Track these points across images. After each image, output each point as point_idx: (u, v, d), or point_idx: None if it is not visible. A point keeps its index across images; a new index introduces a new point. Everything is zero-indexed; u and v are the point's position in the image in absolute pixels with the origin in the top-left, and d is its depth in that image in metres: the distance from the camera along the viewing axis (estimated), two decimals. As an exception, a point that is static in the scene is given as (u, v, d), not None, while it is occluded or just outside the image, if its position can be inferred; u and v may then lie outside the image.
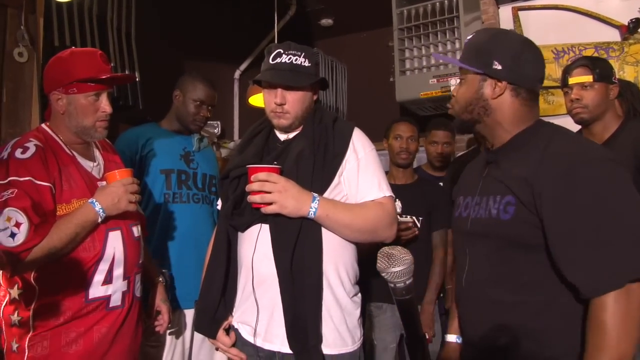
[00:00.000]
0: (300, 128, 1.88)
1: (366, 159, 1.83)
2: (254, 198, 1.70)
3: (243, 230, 1.82)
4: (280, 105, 1.82)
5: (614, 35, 3.66)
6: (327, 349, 1.71)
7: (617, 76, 2.45)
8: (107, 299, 1.88)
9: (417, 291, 2.72)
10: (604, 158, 1.37)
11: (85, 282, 1.83)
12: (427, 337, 2.74)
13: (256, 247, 1.75)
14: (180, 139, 2.72)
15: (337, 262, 1.77)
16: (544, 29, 3.83)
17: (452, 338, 1.72)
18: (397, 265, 1.28)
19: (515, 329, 1.41)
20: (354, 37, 5.57)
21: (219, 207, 1.98)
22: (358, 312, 1.83)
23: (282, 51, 1.83)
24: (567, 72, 2.26)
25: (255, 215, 1.75)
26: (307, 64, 1.83)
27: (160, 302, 2.25)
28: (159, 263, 2.47)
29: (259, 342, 1.76)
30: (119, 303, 1.91)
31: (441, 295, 2.97)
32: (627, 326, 1.24)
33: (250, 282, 1.77)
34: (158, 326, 2.24)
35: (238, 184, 1.82)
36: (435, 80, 4.08)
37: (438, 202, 2.93)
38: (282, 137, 1.91)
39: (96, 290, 1.85)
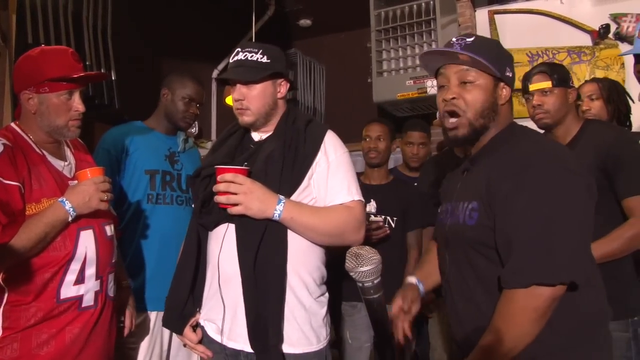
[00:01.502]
0: (272, 129, 1.89)
1: (337, 162, 1.83)
2: (220, 198, 1.72)
3: (211, 229, 1.84)
4: (239, 101, 1.85)
5: (585, 40, 3.73)
6: (291, 348, 1.73)
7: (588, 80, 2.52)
8: (80, 299, 1.86)
9: (391, 291, 2.79)
10: (554, 162, 1.40)
11: (56, 282, 1.80)
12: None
13: (222, 246, 1.77)
14: (166, 139, 2.69)
15: (303, 263, 1.79)
16: (519, 33, 3.89)
17: (412, 279, 1.77)
18: (365, 265, 1.30)
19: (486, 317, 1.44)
20: (332, 37, 5.59)
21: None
22: (323, 312, 1.84)
23: (239, 49, 1.87)
24: (526, 79, 2.30)
25: (223, 215, 1.77)
26: (264, 59, 1.84)
27: (126, 308, 2.22)
28: (139, 264, 2.46)
29: (224, 341, 1.77)
30: (91, 303, 1.89)
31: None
32: (519, 321, 1.33)
33: (216, 280, 1.79)
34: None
35: (208, 183, 1.82)
36: (412, 81, 4.12)
37: (413, 202, 2.96)
38: (255, 137, 1.92)
39: (68, 290, 1.83)
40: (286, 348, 1.72)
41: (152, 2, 4.16)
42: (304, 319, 1.76)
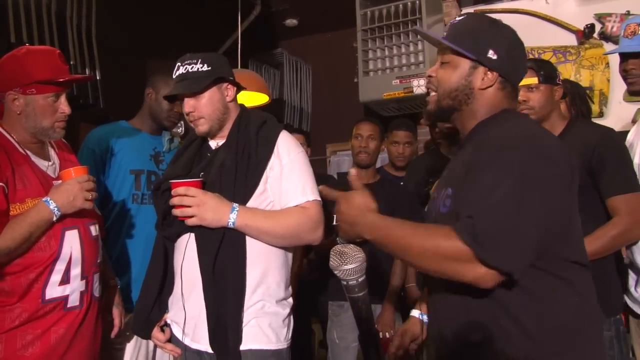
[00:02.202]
0: (225, 135, 1.92)
1: (290, 164, 1.86)
2: (175, 212, 1.79)
3: (174, 240, 1.89)
4: (190, 113, 1.89)
5: (571, 40, 3.77)
6: (248, 344, 1.77)
7: (574, 79, 2.52)
8: (65, 299, 1.85)
9: (378, 291, 2.80)
10: (531, 148, 1.30)
11: (41, 283, 1.80)
12: (387, 336, 2.81)
13: (185, 255, 1.83)
14: (151, 139, 2.68)
15: (263, 266, 1.83)
16: (504, 32, 3.91)
17: (415, 313, 1.72)
18: (349, 263, 1.30)
19: (464, 318, 1.39)
20: (318, 37, 5.59)
21: None
22: (285, 313, 1.87)
23: (179, 64, 1.90)
24: None
25: (183, 226, 1.82)
26: (205, 67, 1.86)
27: (113, 306, 2.22)
28: (124, 264, 2.44)
29: (187, 342, 1.84)
30: (77, 303, 1.89)
31: (402, 294, 3.00)
32: (436, 256, 1.26)
33: (179, 287, 1.85)
34: (112, 331, 2.21)
35: (168, 196, 1.84)
36: (398, 81, 4.12)
37: (399, 201, 2.95)
38: (212, 145, 1.96)
39: (53, 290, 1.83)
40: (244, 345, 1.76)
41: (137, 2, 4.13)
42: (263, 320, 1.80)
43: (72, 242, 1.87)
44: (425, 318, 1.69)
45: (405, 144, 3.39)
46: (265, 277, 1.83)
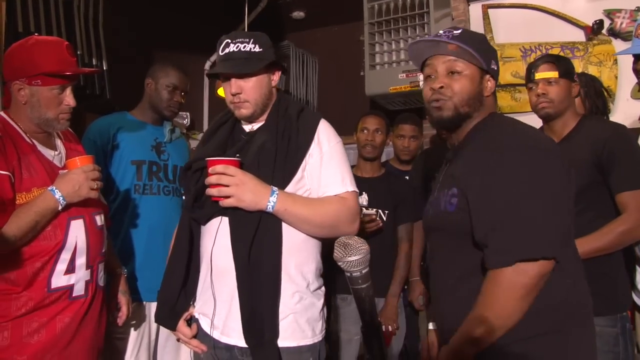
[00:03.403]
0: (264, 119, 1.86)
1: (330, 152, 1.80)
2: (211, 191, 1.69)
3: (204, 223, 1.80)
4: (236, 95, 1.79)
5: (579, 36, 3.74)
6: (285, 341, 1.69)
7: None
8: (70, 288, 1.86)
9: (381, 284, 2.80)
10: (529, 145, 1.43)
11: (47, 272, 1.81)
12: (390, 329, 2.81)
13: (216, 240, 1.74)
14: (152, 130, 2.69)
15: (298, 255, 1.76)
16: (512, 28, 3.90)
17: (431, 326, 1.75)
18: (353, 255, 1.30)
19: (468, 302, 1.45)
20: (325, 30, 5.57)
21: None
22: (320, 304, 1.81)
23: (229, 41, 1.80)
24: (532, 67, 2.29)
25: (215, 208, 1.73)
26: (257, 49, 1.79)
27: (121, 295, 2.23)
28: (127, 254, 2.45)
29: (217, 335, 1.75)
30: (82, 292, 1.90)
31: (405, 287, 3.01)
32: (507, 298, 1.34)
33: (209, 275, 1.76)
34: (118, 318, 2.23)
35: (200, 176, 1.78)
36: (404, 75, 4.11)
37: (404, 195, 2.96)
38: (246, 128, 1.88)
39: (59, 279, 1.83)
40: (281, 341, 1.69)
41: (144, -7, 4.13)
42: (299, 313, 1.73)
43: (77, 232, 1.87)
44: None
45: (411, 137, 3.38)
46: (301, 266, 1.76)
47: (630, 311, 2.19)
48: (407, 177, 3.30)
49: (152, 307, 2.53)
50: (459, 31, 1.57)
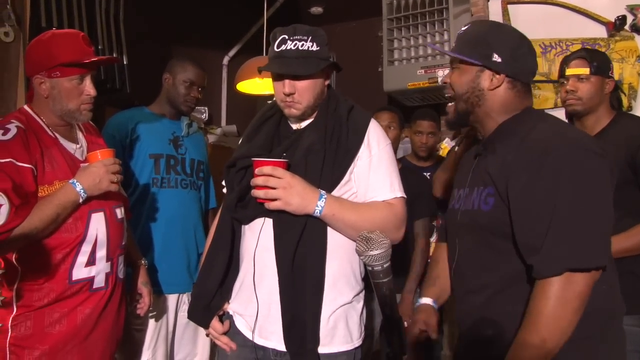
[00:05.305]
0: (312, 116, 1.79)
1: (379, 155, 1.73)
2: (257, 193, 1.62)
3: (246, 224, 1.75)
4: (290, 95, 1.71)
5: (600, 32, 3.69)
6: (324, 348, 1.65)
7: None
8: (91, 280, 1.89)
9: (397, 280, 2.80)
10: (578, 146, 1.37)
11: (68, 264, 1.84)
12: (406, 324, 2.81)
13: (259, 241, 1.69)
14: (170, 124, 2.73)
15: (342, 260, 1.70)
16: (532, 23, 3.84)
17: (427, 300, 1.71)
18: (375, 249, 1.30)
19: (499, 319, 1.43)
20: (343, 26, 5.56)
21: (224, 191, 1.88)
22: (359, 308, 1.76)
23: (287, 37, 1.70)
24: (565, 62, 2.26)
25: (259, 210, 1.67)
26: (315, 47, 1.71)
27: (142, 285, 2.26)
28: (145, 247, 2.48)
29: (255, 338, 1.70)
30: (102, 284, 1.92)
31: (421, 283, 3.00)
32: (559, 312, 1.29)
33: (250, 275, 1.70)
34: (139, 309, 2.26)
35: (244, 175, 1.73)
36: (423, 71, 4.08)
37: (421, 191, 2.95)
38: (294, 125, 1.82)
39: (79, 271, 1.86)
40: (320, 348, 1.64)
41: (165, -12, 4.16)
42: (340, 318, 1.68)
43: (97, 224, 1.90)
44: (436, 305, 1.71)
45: (429, 134, 3.37)
46: (344, 270, 1.70)
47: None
48: (424, 174, 3.28)
49: (169, 299, 2.57)
50: (463, 29, 1.58)
